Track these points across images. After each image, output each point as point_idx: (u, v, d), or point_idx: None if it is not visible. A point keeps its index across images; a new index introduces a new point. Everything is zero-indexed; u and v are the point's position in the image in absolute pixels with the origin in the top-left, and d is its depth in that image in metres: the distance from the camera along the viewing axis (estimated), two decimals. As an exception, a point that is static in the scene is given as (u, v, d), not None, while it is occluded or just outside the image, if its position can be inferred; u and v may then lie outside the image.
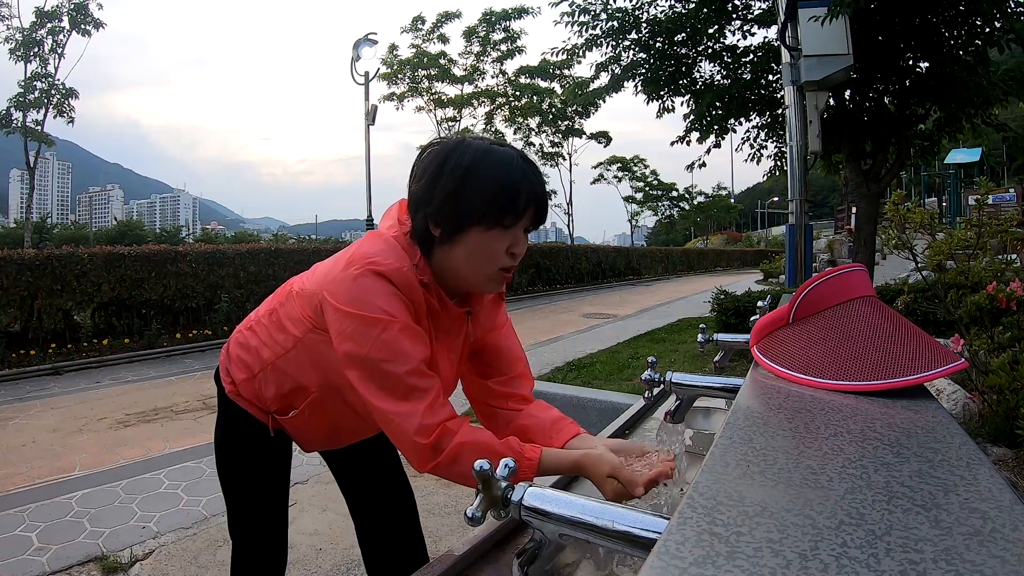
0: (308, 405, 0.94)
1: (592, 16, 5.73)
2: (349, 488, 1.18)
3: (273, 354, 0.93)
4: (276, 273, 7.52)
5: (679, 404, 1.05)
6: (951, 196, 15.37)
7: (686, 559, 0.27)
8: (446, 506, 2.45)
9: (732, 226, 46.73)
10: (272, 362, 0.94)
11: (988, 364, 1.77)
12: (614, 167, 34.81)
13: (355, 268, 0.77)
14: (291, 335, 0.91)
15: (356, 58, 12.99)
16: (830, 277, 0.67)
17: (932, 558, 0.26)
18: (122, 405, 4.27)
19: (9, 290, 5.55)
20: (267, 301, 1.01)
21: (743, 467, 0.38)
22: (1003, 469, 1.56)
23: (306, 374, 0.91)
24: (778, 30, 4.74)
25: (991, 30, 4.51)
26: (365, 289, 0.76)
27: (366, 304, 0.75)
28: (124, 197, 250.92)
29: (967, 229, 2.15)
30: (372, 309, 0.75)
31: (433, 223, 0.79)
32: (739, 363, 2.93)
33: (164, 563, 2.07)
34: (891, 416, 0.49)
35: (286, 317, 0.92)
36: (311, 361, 0.90)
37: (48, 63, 13.62)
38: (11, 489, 2.71)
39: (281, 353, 0.92)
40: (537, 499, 0.53)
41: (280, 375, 0.94)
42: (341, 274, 0.78)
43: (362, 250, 0.79)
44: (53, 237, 21.09)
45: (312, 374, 0.91)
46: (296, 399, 0.94)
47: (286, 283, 0.99)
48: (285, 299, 0.95)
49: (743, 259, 30.96)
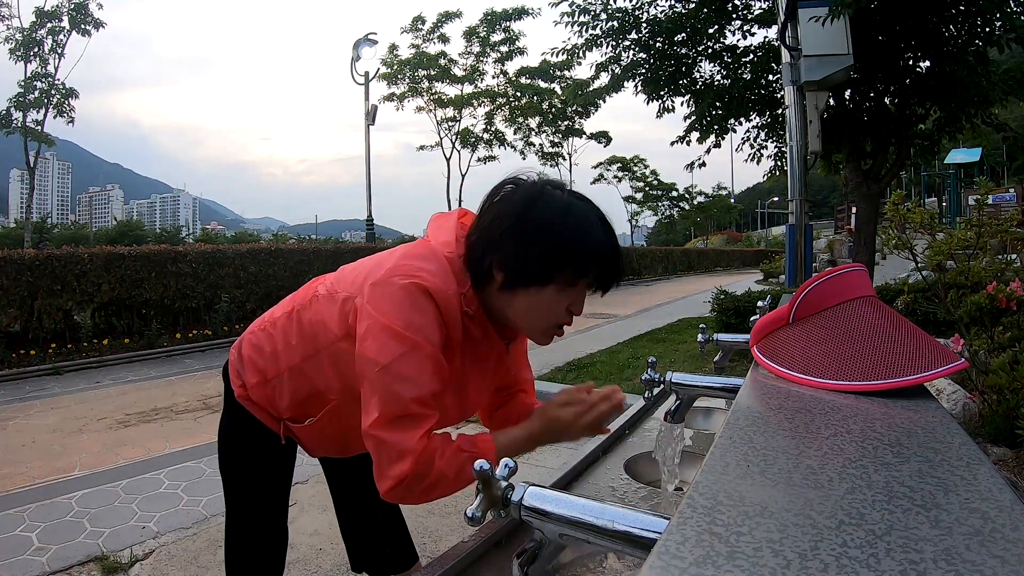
0: (327, 413, 0.90)
1: (592, 16, 5.73)
2: (335, 482, 1.18)
3: (291, 360, 0.89)
4: (276, 273, 7.52)
5: (679, 404, 1.05)
6: (951, 196, 15.38)
7: (686, 559, 0.27)
8: (446, 506, 2.45)
9: (732, 226, 46.73)
10: (289, 368, 0.89)
11: (988, 364, 1.77)
12: (614, 167, 34.84)
13: (400, 278, 0.74)
14: (313, 342, 0.87)
15: (356, 58, 13.00)
16: (830, 277, 0.67)
17: (932, 558, 0.26)
18: (122, 405, 4.27)
19: (9, 290, 5.55)
20: (285, 302, 0.96)
21: (743, 467, 0.38)
22: (1003, 469, 1.56)
23: (328, 381, 0.87)
24: (778, 30, 4.75)
25: (991, 30, 4.51)
26: (406, 303, 0.73)
27: (403, 319, 0.72)
28: (124, 197, 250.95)
29: (967, 229, 2.15)
30: (408, 327, 0.72)
31: (498, 268, 0.76)
32: (739, 363, 2.93)
33: (164, 563, 2.07)
34: (891, 416, 0.49)
35: (309, 322, 0.88)
36: (335, 369, 0.85)
37: (48, 63, 13.65)
38: (11, 489, 2.71)
39: (300, 360, 0.88)
40: (537, 499, 0.53)
41: (298, 382, 0.90)
42: (383, 279, 0.75)
43: (411, 261, 0.76)
44: (53, 237, 21.09)
45: (335, 381, 0.86)
46: (314, 407, 0.90)
47: (309, 284, 0.94)
48: (308, 302, 0.89)
49: (743, 259, 30.94)
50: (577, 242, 0.74)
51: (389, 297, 0.73)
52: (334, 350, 0.85)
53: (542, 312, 0.77)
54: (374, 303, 0.74)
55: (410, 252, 0.79)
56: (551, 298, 0.76)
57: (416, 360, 0.72)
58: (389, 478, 0.71)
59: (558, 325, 0.80)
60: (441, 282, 0.75)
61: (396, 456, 0.71)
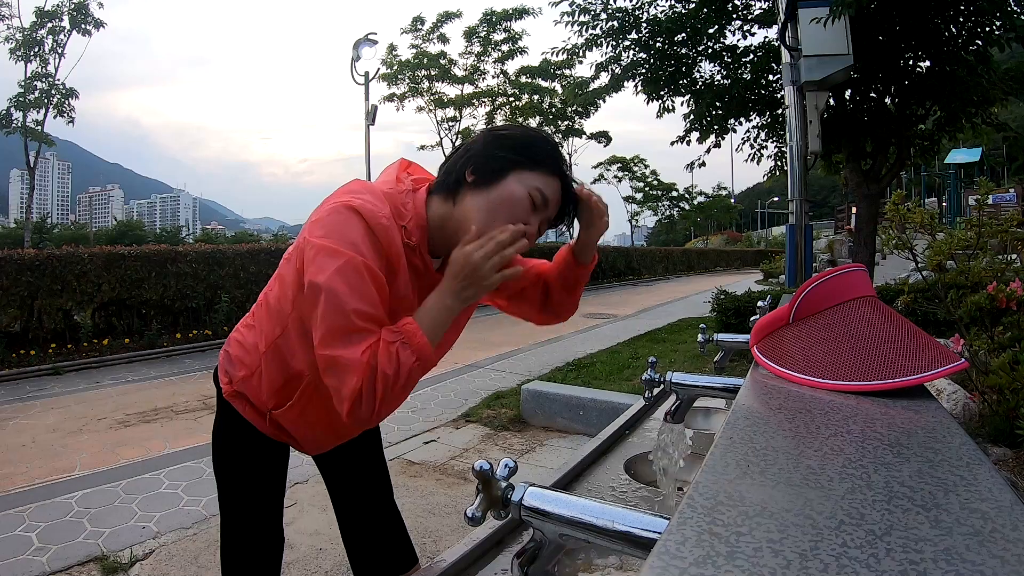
0: (303, 392, 0.91)
1: (592, 16, 5.73)
2: (333, 484, 1.18)
3: (267, 342, 0.92)
4: (276, 273, 7.52)
5: (679, 404, 1.05)
6: (951, 196, 15.39)
7: (686, 559, 0.27)
8: (446, 506, 2.45)
9: (732, 226, 46.70)
10: (264, 352, 0.92)
11: (988, 364, 1.77)
12: (614, 167, 34.84)
13: (331, 204, 0.79)
14: (280, 319, 0.90)
15: (356, 58, 13.01)
16: (830, 277, 0.67)
17: (932, 558, 0.26)
18: (122, 405, 4.27)
19: (9, 290, 5.54)
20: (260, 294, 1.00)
21: (743, 467, 0.38)
22: (1003, 469, 1.56)
23: (299, 357, 0.89)
24: (778, 30, 4.75)
25: (991, 29, 4.51)
26: (337, 223, 0.76)
27: (336, 236, 0.75)
28: (124, 197, 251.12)
29: (967, 229, 2.15)
30: (341, 241, 0.75)
31: (470, 169, 0.83)
32: (739, 363, 2.93)
33: (164, 563, 2.07)
34: (891, 416, 0.49)
35: (275, 298, 0.91)
36: (302, 342, 0.88)
37: (48, 63, 13.64)
38: (11, 489, 2.71)
39: (274, 338, 0.91)
40: (537, 499, 0.53)
41: (273, 366, 0.92)
42: (319, 210, 0.80)
43: (342, 196, 0.80)
44: (53, 237, 21.09)
45: (304, 354, 0.88)
46: (290, 389, 0.92)
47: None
48: (273, 281, 0.94)
49: (743, 259, 30.94)
50: (531, 139, 0.86)
51: (320, 223, 0.77)
52: (296, 316, 0.87)
53: (508, 206, 0.82)
54: (310, 234, 0.78)
55: (344, 189, 0.83)
56: (514, 188, 0.82)
57: (352, 271, 0.74)
58: (345, 399, 0.72)
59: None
60: (372, 207, 0.78)
61: (344, 371, 0.71)
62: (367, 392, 0.71)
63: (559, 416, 3.51)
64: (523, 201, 0.83)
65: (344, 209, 0.77)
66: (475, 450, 3.21)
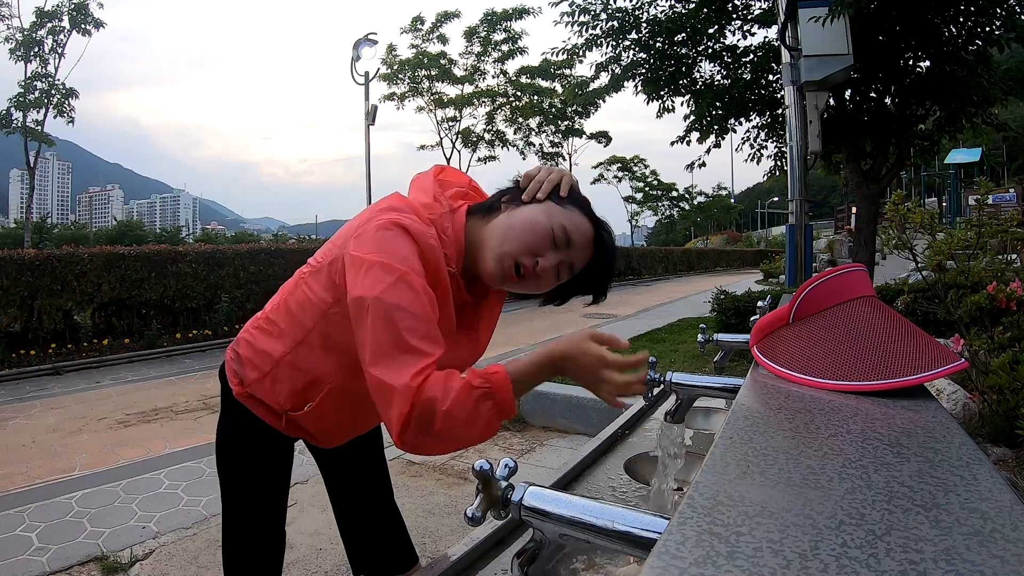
0: (325, 396, 0.89)
1: (592, 16, 5.73)
2: (332, 484, 1.18)
3: (285, 348, 0.89)
4: (276, 273, 7.52)
5: (679, 404, 1.05)
6: (951, 196, 15.39)
7: (686, 559, 0.27)
8: (446, 506, 2.45)
9: (732, 226, 46.69)
10: (284, 356, 0.89)
11: (988, 364, 1.77)
12: (614, 167, 34.85)
13: (378, 220, 0.76)
14: (301, 326, 0.87)
15: (356, 58, 13.02)
16: (830, 277, 0.67)
17: (932, 558, 0.26)
18: (122, 405, 4.27)
19: (9, 290, 5.55)
20: (276, 295, 0.97)
21: (743, 467, 0.38)
22: (1003, 469, 1.56)
23: (321, 365, 0.87)
24: (778, 30, 4.75)
25: (991, 29, 4.51)
26: (387, 239, 0.74)
27: (388, 252, 0.73)
28: (124, 197, 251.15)
29: (967, 229, 2.16)
30: (394, 257, 0.72)
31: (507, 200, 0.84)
32: (739, 363, 2.93)
33: (164, 563, 2.07)
34: (891, 416, 0.49)
35: (297, 304, 0.88)
36: (325, 350, 0.86)
37: (48, 63, 13.63)
38: (11, 489, 2.71)
39: (294, 346, 0.88)
40: (537, 499, 0.53)
41: (294, 370, 0.89)
42: (364, 229, 0.77)
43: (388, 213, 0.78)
44: (53, 237, 21.11)
45: (328, 363, 0.87)
46: (312, 393, 0.90)
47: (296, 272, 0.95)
48: (295, 287, 0.91)
49: (743, 259, 30.93)
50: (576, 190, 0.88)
51: (371, 238, 0.75)
52: (324, 323, 0.85)
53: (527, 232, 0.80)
54: (358, 248, 0.75)
55: (387, 205, 0.81)
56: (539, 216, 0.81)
57: (407, 288, 0.71)
58: (392, 423, 0.67)
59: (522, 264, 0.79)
60: (421, 227, 0.77)
61: (391, 396, 0.66)
62: (417, 422, 0.66)
63: (559, 416, 3.51)
64: (544, 231, 0.79)
65: (393, 226, 0.75)
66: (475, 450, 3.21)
